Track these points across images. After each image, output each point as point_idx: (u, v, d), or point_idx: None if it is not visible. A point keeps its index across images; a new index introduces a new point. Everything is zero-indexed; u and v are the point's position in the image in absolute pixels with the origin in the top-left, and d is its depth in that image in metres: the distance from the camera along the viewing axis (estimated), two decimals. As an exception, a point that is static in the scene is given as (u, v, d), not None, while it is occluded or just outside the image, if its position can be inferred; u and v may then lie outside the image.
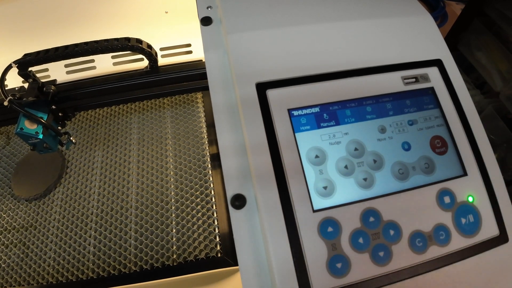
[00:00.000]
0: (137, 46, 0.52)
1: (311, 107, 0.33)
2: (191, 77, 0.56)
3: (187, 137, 0.64)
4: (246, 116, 0.32)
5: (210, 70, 0.36)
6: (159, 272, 0.52)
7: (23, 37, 0.71)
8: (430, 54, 0.38)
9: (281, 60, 0.35)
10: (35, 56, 0.51)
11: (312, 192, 0.31)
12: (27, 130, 0.50)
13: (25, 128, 0.50)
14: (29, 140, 0.52)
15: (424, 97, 0.35)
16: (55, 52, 0.51)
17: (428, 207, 0.32)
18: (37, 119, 0.51)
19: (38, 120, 0.51)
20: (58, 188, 0.62)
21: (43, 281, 0.53)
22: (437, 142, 0.34)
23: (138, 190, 0.59)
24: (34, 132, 0.51)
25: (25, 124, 0.51)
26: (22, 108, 0.50)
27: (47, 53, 0.51)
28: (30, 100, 0.51)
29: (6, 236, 0.58)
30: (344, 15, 0.39)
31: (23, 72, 0.52)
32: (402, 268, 0.31)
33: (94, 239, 0.55)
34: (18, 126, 0.50)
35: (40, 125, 0.51)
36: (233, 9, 0.38)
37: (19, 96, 0.51)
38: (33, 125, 0.51)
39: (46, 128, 0.52)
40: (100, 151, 0.65)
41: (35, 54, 0.51)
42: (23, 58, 0.51)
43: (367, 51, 0.36)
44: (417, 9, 0.40)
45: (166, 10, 0.71)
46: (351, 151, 0.32)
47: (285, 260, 0.29)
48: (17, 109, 0.50)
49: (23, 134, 0.50)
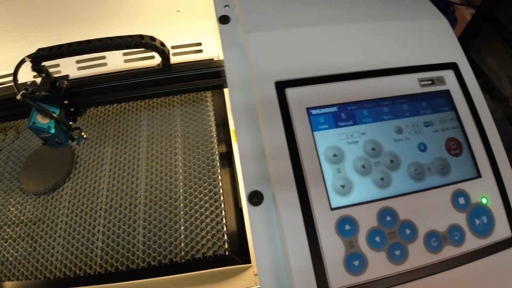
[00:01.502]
0: (150, 44, 0.52)
1: (329, 106, 0.33)
2: (203, 76, 0.56)
3: (196, 135, 0.64)
4: (265, 115, 0.33)
5: (229, 68, 0.37)
6: (167, 269, 0.52)
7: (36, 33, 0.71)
8: (445, 57, 0.38)
9: (300, 59, 0.35)
10: (48, 51, 0.51)
11: (330, 190, 0.31)
12: (39, 124, 0.51)
13: (37, 122, 0.50)
14: (41, 135, 0.52)
15: (440, 100, 0.36)
16: (69, 47, 0.51)
17: (443, 207, 0.33)
18: (50, 114, 0.51)
19: (50, 114, 0.51)
20: (67, 183, 0.62)
21: (51, 275, 0.53)
22: (452, 144, 0.35)
23: (147, 187, 0.59)
24: (46, 127, 0.51)
25: (38, 119, 0.51)
26: (35, 102, 0.50)
27: (61, 48, 0.51)
28: (42, 94, 0.51)
29: (14, 229, 0.58)
30: (362, 17, 0.39)
31: (36, 66, 0.52)
32: (417, 267, 0.31)
33: (103, 235, 0.55)
34: (31, 120, 0.50)
35: (52, 119, 0.51)
36: (251, 8, 0.39)
37: (32, 91, 0.51)
38: (45, 120, 0.51)
39: (58, 123, 0.52)
40: (110, 147, 0.65)
41: (48, 49, 0.51)
42: (37, 52, 0.51)
43: (384, 52, 0.37)
44: (433, 12, 0.41)
45: (178, 9, 0.72)
46: (368, 151, 0.33)
47: (302, 257, 0.29)
48: (30, 103, 0.50)
49: (35, 128, 0.50)
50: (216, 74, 0.57)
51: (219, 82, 0.58)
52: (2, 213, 0.60)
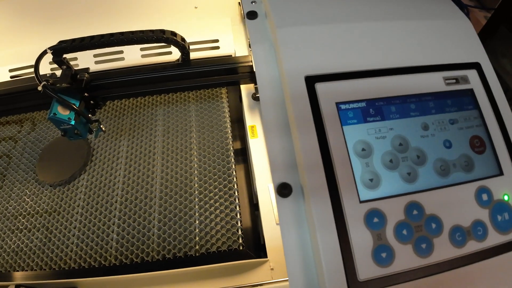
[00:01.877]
0: (171, 39, 0.53)
1: (358, 101, 0.34)
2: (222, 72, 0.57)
3: (211, 131, 0.65)
4: (295, 109, 0.33)
5: (257, 63, 0.37)
6: (181, 262, 0.52)
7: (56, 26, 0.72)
8: (468, 57, 0.39)
9: (329, 55, 0.36)
10: (70, 43, 0.52)
11: (359, 183, 0.32)
12: (60, 116, 0.51)
13: (58, 114, 0.51)
14: (61, 126, 0.52)
15: (464, 98, 0.36)
16: (91, 40, 0.52)
17: (467, 203, 0.33)
18: (70, 106, 0.51)
19: (71, 106, 0.51)
20: (83, 175, 0.62)
21: (65, 266, 0.54)
22: (476, 141, 0.35)
23: (163, 180, 0.60)
24: (67, 118, 0.51)
25: (58, 110, 0.51)
26: (56, 94, 0.50)
27: (83, 41, 0.52)
28: (63, 86, 0.51)
29: (29, 220, 0.59)
30: (389, 15, 0.40)
31: (58, 58, 0.52)
32: (442, 260, 0.31)
33: (118, 227, 0.56)
34: (51, 111, 0.51)
35: (73, 111, 0.52)
36: (279, 4, 0.39)
37: (52, 82, 0.51)
38: (65, 111, 0.51)
39: (78, 115, 0.52)
40: (126, 141, 0.65)
41: (70, 42, 0.52)
42: (58, 44, 0.52)
43: (410, 50, 0.38)
44: (456, 13, 0.42)
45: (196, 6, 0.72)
46: (396, 146, 0.33)
47: (332, 248, 0.30)
48: (51, 95, 0.50)
49: (56, 119, 0.51)
50: (234, 71, 0.58)
51: (237, 79, 0.59)
52: (18, 204, 0.61)
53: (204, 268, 0.51)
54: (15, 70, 0.72)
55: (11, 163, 0.66)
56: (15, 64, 0.73)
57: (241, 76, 0.58)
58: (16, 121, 0.72)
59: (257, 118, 0.64)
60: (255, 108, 0.65)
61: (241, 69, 0.58)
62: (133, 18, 0.72)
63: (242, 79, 0.59)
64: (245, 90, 0.67)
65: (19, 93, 0.58)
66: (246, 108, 0.65)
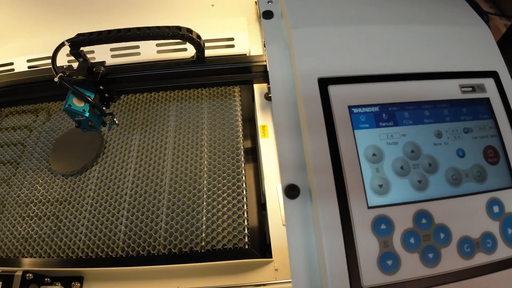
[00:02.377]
0: (187, 36, 0.53)
1: (371, 106, 0.34)
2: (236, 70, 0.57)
3: (223, 129, 0.65)
4: (307, 110, 0.33)
5: (271, 63, 0.37)
6: (187, 257, 0.53)
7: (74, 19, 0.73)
8: (486, 65, 0.38)
9: (343, 57, 0.36)
10: (87, 36, 0.52)
11: (368, 189, 0.31)
12: (75, 107, 0.52)
13: (73, 105, 0.52)
14: (75, 117, 0.53)
15: (480, 107, 0.36)
16: (108, 34, 0.52)
17: (477, 214, 0.33)
18: (85, 98, 0.52)
19: (86, 98, 0.52)
20: (94, 166, 0.63)
21: (73, 254, 0.54)
22: (489, 152, 0.35)
23: (172, 176, 0.60)
24: (81, 110, 0.52)
25: (73, 101, 0.52)
26: (72, 86, 0.51)
27: (100, 34, 0.52)
28: (79, 78, 0.52)
29: (40, 208, 0.60)
30: (406, 19, 0.39)
31: (75, 51, 0.53)
32: (449, 271, 0.31)
33: (126, 219, 0.57)
34: (67, 102, 0.51)
35: (87, 103, 0.52)
36: (296, 4, 0.39)
37: (69, 74, 0.52)
38: (80, 103, 0.52)
39: (92, 107, 0.53)
40: (138, 135, 0.66)
41: (88, 35, 0.53)
42: (76, 37, 0.52)
43: (426, 55, 0.37)
44: (475, 19, 0.41)
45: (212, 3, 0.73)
46: (408, 153, 0.33)
47: (337, 252, 0.30)
48: (67, 86, 0.51)
49: (70, 110, 0.52)
50: (248, 70, 0.58)
51: (250, 78, 0.59)
52: (30, 192, 0.62)
53: (209, 265, 0.51)
54: (33, 60, 0.73)
55: (25, 152, 0.68)
56: (33, 55, 0.75)
57: (255, 75, 0.58)
58: (31, 111, 0.74)
59: (269, 118, 0.64)
60: (267, 108, 0.65)
61: (255, 68, 0.58)
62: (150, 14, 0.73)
63: (255, 78, 0.59)
64: (258, 89, 0.67)
65: (36, 83, 0.59)
66: (258, 108, 0.65)
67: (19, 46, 0.79)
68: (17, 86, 0.60)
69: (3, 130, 0.72)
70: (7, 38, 0.79)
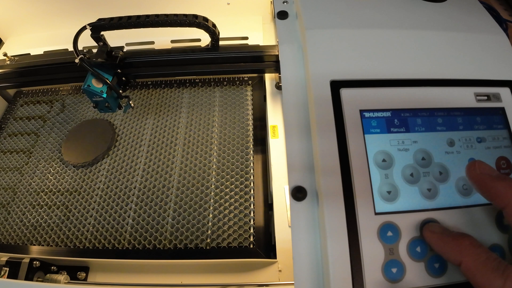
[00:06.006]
0: (203, 24, 0.54)
1: (383, 111, 0.33)
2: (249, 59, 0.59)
3: (233, 127, 0.65)
4: (317, 112, 0.33)
5: (284, 63, 0.37)
6: (191, 253, 0.53)
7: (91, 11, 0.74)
8: (503, 74, 0.37)
9: (357, 61, 0.35)
10: (108, 21, 0.54)
11: (376, 194, 0.31)
12: (93, 88, 0.54)
13: (91, 86, 0.54)
14: (93, 98, 0.55)
15: (495, 117, 0.35)
16: (128, 20, 0.54)
17: (486, 226, 0.32)
18: (103, 79, 0.54)
19: (104, 80, 0.54)
20: (105, 159, 0.64)
21: (80, 244, 0.55)
22: (502, 163, 0.34)
23: (181, 171, 0.61)
24: (99, 91, 0.54)
25: (92, 82, 0.54)
26: (91, 67, 0.53)
27: (120, 20, 0.54)
28: (99, 61, 0.54)
29: (50, 197, 0.61)
30: (422, 24, 0.39)
31: (96, 35, 0.55)
32: (454, 282, 0.30)
33: (134, 212, 0.57)
34: (86, 83, 0.54)
35: (105, 85, 0.55)
36: (311, 6, 0.39)
37: (89, 57, 0.54)
38: (99, 84, 0.54)
39: (110, 89, 0.55)
40: (149, 130, 0.67)
41: (108, 20, 0.54)
42: (98, 22, 0.54)
43: (441, 62, 0.36)
44: (493, 27, 0.40)
45: (228, 2, 0.73)
46: (418, 160, 0.32)
47: (341, 257, 0.30)
48: (87, 67, 0.53)
49: (89, 90, 0.54)
50: (261, 59, 0.60)
51: (262, 67, 0.62)
52: (41, 181, 0.63)
53: (213, 262, 0.52)
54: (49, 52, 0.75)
55: (38, 141, 0.69)
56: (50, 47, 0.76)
57: (267, 64, 0.60)
58: (46, 102, 0.75)
59: (280, 118, 0.64)
60: (278, 108, 0.65)
61: (267, 57, 0.59)
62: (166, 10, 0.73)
63: (267, 67, 0.62)
64: (270, 88, 0.67)
65: (57, 64, 0.62)
66: (270, 108, 0.65)
67: (35, 37, 0.80)
68: (38, 67, 0.63)
69: (18, 119, 0.73)
70: (23, 29, 0.81)
